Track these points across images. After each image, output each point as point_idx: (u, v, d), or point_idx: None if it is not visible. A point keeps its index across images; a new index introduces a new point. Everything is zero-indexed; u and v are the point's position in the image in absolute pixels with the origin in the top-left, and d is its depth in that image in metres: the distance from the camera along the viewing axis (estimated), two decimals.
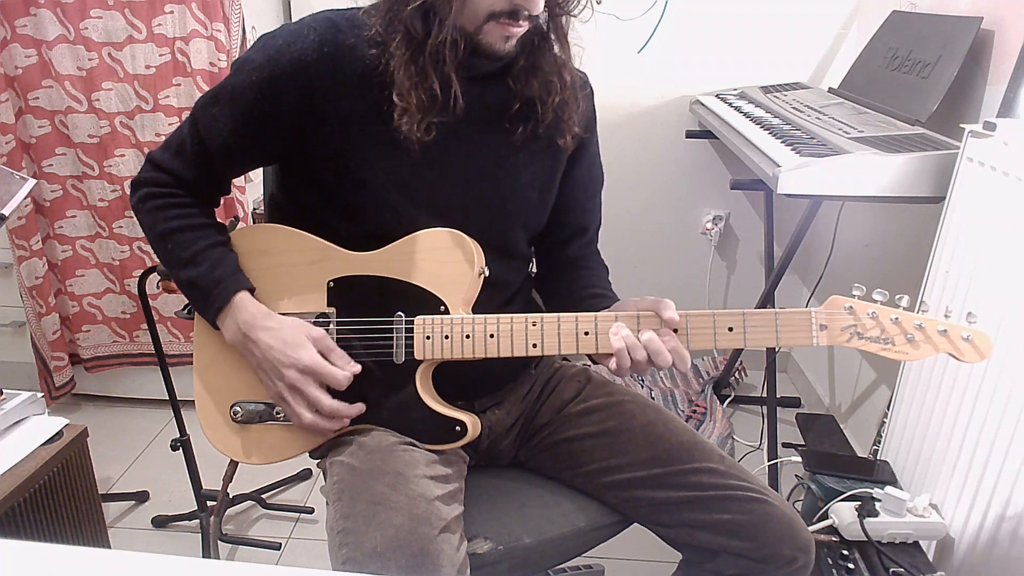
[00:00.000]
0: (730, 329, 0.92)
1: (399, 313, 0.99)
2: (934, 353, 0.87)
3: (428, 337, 0.98)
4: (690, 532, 1.01)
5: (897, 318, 0.87)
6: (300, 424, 0.99)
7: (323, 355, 0.98)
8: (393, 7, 0.93)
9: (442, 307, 0.99)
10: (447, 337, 0.98)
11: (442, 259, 0.99)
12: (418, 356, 0.99)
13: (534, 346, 0.96)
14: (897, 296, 0.88)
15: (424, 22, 0.92)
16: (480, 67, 0.98)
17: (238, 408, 1.05)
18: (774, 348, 2.05)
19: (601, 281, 1.16)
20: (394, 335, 1.00)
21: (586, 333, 0.95)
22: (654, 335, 0.91)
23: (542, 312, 0.97)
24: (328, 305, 1.02)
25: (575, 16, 1.00)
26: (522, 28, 0.93)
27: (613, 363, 0.94)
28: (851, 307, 0.88)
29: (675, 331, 0.92)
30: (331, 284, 1.02)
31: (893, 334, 0.87)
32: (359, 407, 1.00)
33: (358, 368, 0.99)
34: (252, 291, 1.02)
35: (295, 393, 0.97)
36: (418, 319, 0.99)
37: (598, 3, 0.99)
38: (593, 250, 1.23)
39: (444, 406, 1.01)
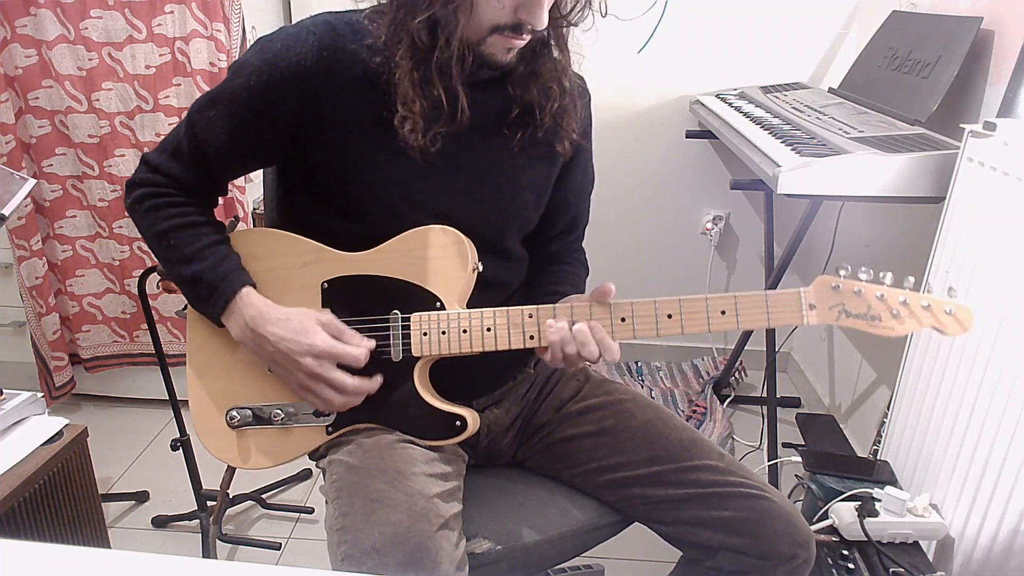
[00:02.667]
0: (723, 312, 0.92)
1: (395, 311, 1.00)
2: (918, 328, 0.88)
3: (425, 334, 0.98)
4: (690, 530, 1.01)
5: (883, 295, 0.88)
6: (331, 409, 1.00)
7: (335, 337, 0.97)
8: (398, 17, 0.92)
9: (438, 303, 0.99)
10: (444, 333, 0.98)
11: (435, 256, 0.99)
12: (416, 353, 0.99)
13: (531, 337, 0.96)
14: (881, 274, 0.89)
15: (431, 34, 0.91)
16: (480, 74, 0.98)
17: (234, 413, 1.04)
18: (774, 347, 2.04)
19: (568, 278, 1.17)
20: (391, 333, 1.00)
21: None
22: (584, 327, 0.93)
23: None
24: (323, 306, 1.01)
25: (576, 26, 1.00)
26: (524, 41, 0.93)
27: (548, 355, 0.96)
28: (838, 286, 0.90)
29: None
30: (325, 285, 1.02)
31: (879, 310, 0.88)
32: (378, 380, 1.00)
33: (372, 343, 0.98)
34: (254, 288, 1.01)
35: (316, 380, 0.97)
36: (414, 316, 0.99)
37: (603, 16, 0.99)
38: (576, 248, 1.24)
39: (443, 402, 1.02)
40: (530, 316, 0.96)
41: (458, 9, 0.89)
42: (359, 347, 0.97)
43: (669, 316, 0.93)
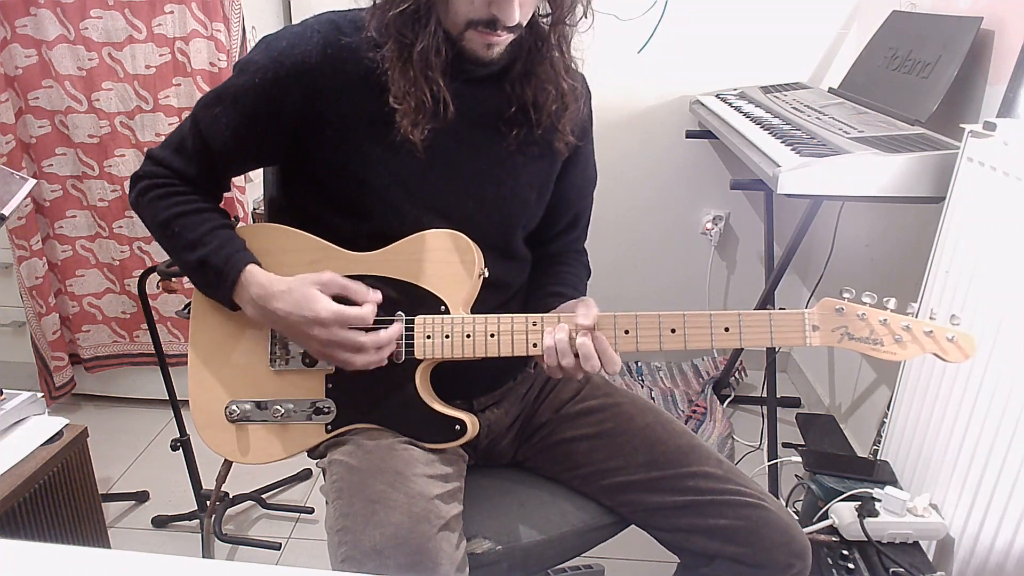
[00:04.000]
0: (726, 329, 0.93)
1: (399, 313, 1.00)
2: (920, 353, 0.89)
3: (429, 337, 0.98)
4: (686, 537, 1.01)
5: (885, 320, 0.89)
6: (356, 368, 0.97)
7: (340, 296, 0.96)
8: (385, 10, 0.93)
9: (442, 307, 0.99)
10: (448, 337, 0.98)
11: (442, 260, 0.99)
12: (418, 355, 0.99)
13: (534, 346, 0.96)
14: (885, 299, 0.90)
15: (412, 27, 0.92)
16: (476, 71, 0.98)
17: (234, 407, 1.04)
18: (773, 348, 2.04)
19: (569, 279, 1.16)
20: None
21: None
22: (587, 339, 0.93)
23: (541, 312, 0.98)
24: None
25: (573, 26, 0.99)
26: (502, 37, 0.93)
27: (545, 365, 0.96)
28: (841, 309, 0.90)
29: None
30: None
31: (882, 335, 0.90)
32: (398, 327, 0.98)
33: (379, 296, 0.97)
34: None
35: (330, 346, 0.96)
36: (418, 319, 0.99)
37: (591, 22, 0.99)
38: (577, 248, 1.23)
39: (443, 405, 1.01)
40: (534, 324, 0.96)
41: (435, 3, 0.90)
42: (364, 304, 0.96)
43: (673, 331, 0.93)
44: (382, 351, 0.97)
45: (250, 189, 2.06)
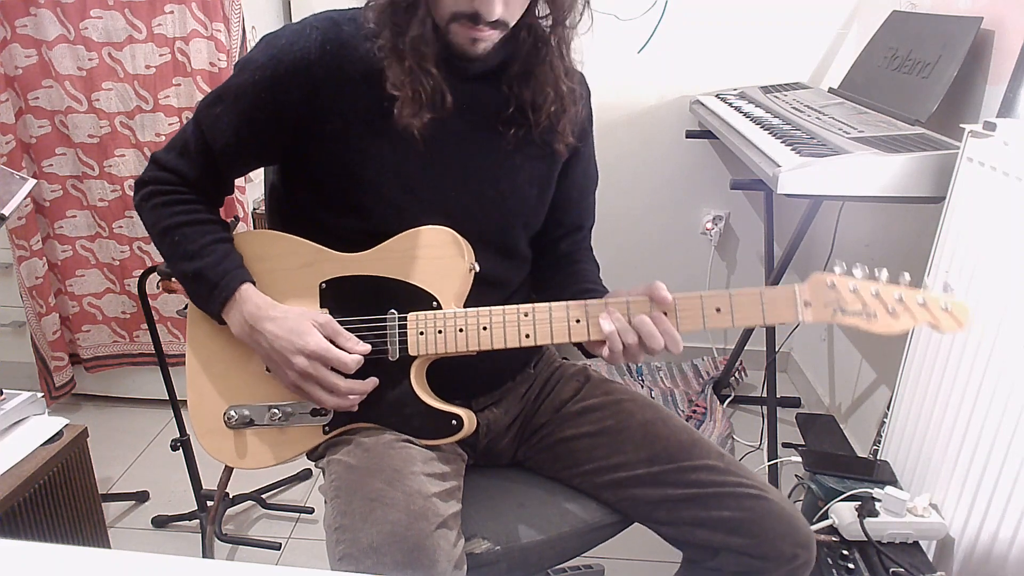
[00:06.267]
0: (718, 310, 0.92)
1: (392, 310, 1.00)
2: (913, 324, 0.87)
3: (421, 333, 0.99)
4: (690, 530, 1.01)
5: (877, 291, 0.88)
6: (324, 406, 0.99)
7: (331, 339, 0.98)
8: (381, 1, 0.94)
9: (434, 303, 0.99)
10: (440, 332, 0.98)
11: (432, 256, 0.99)
12: (412, 352, 0.99)
13: (527, 336, 0.96)
14: (877, 270, 0.88)
15: (405, 16, 0.93)
16: (470, 67, 0.98)
17: (232, 413, 1.04)
18: (774, 348, 2.04)
19: (592, 276, 1.17)
20: (387, 332, 1.00)
21: (577, 321, 0.95)
22: (646, 318, 0.92)
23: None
24: (321, 307, 1.02)
25: (573, 28, 1.00)
26: (486, 32, 0.92)
27: (606, 350, 0.94)
28: (833, 283, 0.89)
29: (665, 314, 0.93)
30: (323, 286, 1.02)
31: (874, 307, 0.88)
32: (373, 381, 1.00)
33: (367, 348, 0.99)
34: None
35: (308, 380, 0.97)
36: (411, 315, 0.99)
37: (588, 20, 0.99)
38: (586, 246, 1.23)
39: (440, 401, 1.02)
40: (525, 315, 0.96)
41: None
42: (351, 352, 0.97)
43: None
44: (352, 399, 0.99)
45: (250, 189, 2.06)
